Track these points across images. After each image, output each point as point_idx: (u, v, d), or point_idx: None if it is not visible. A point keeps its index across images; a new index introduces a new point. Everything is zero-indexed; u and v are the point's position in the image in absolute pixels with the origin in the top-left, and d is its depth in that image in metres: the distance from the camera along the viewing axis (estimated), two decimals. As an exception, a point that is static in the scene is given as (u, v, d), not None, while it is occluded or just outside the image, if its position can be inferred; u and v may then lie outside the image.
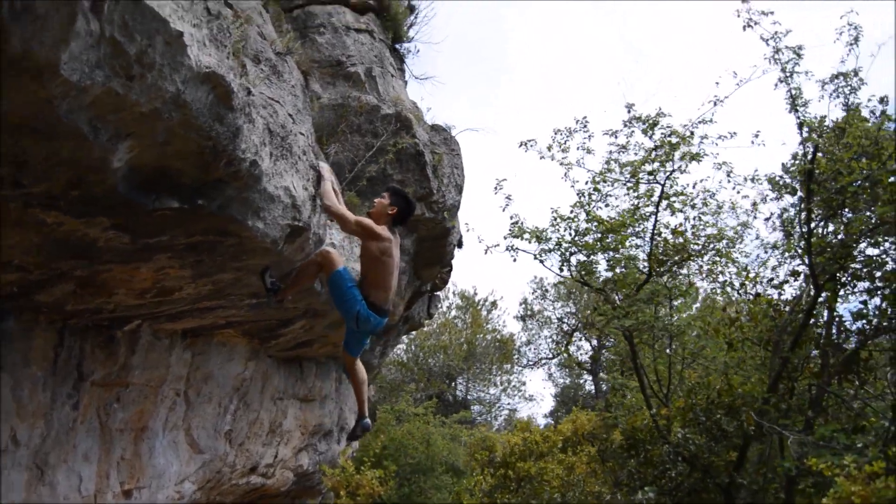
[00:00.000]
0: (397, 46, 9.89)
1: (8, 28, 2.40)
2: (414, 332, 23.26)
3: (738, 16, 8.75)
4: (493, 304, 29.38)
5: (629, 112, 9.85)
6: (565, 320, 30.19)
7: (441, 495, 15.47)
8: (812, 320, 8.72)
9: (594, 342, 29.36)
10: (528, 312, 30.66)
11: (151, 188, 3.83)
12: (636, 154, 9.96)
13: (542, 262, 10.49)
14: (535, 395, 36.18)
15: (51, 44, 2.57)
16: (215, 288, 5.65)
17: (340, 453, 11.74)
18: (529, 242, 10.32)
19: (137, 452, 6.72)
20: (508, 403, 30.31)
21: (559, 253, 10.31)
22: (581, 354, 29.97)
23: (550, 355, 30.88)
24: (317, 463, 10.97)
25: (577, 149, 10.37)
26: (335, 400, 11.24)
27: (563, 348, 29.65)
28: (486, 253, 10.49)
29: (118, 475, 6.43)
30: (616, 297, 10.16)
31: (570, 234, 10.25)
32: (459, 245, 10.75)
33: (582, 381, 32.02)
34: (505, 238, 10.57)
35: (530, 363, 30.71)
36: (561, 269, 10.63)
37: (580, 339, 30.03)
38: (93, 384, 5.98)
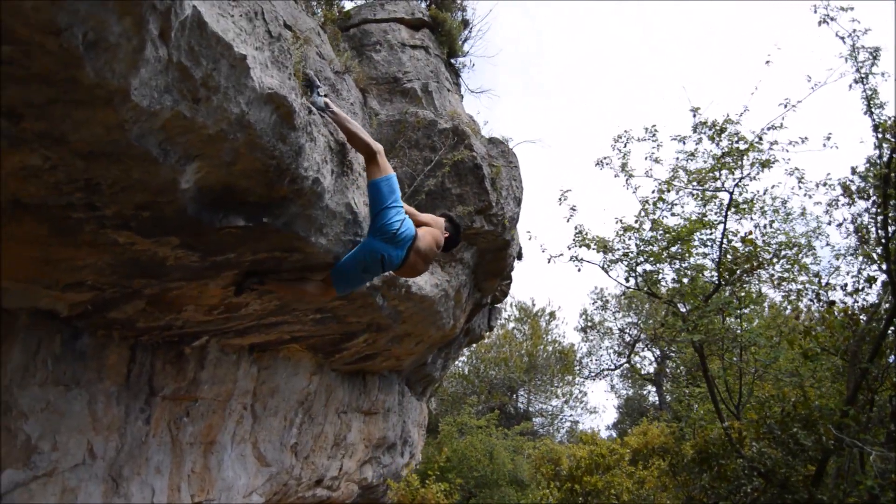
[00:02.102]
0: (452, 61, 9.96)
1: (83, 57, 2.50)
2: (474, 345, 23.26)
3: (815, 11, 8.53)
4: (552, 315, 29.16)
5: (694, 116, 9.68)
6: (627, 331, 29.80)
7: (506, 508, 15.35)
8: (892, 328, 8.38)
9: (657, 353, 28.89)
10: (589, 323, 30.35)
11: (218, 207, 3.92)
12: (704, 162, 9.79)
13: (607, 272, 10.39)
14: (597, 406, 35.69)
15: (122, 71, 2.67)
16: (281, 303, 5.76)
17: (405, 466, 11.78)
18: (597, 252, 10.24)
19: (207, 465, 6.86)
20: (570, 415, 30.02)
21: (625, 263, 10.18)
22: (645, 365, 29.54)
23: (612, 366, 30.52)
24: (381, 476, 11.04)
25: (646, 159, 10.28)
26: (398, 413, 11.30)
27: (626, 360, 29.29)
28: (549, 262, 10.44)
29: (189, 488, 6.58)
30: (683, 308, 9.94)
31: (636, 244, 10.12)
32: (519, 257, 10.72)
33: (645, 393, 31.52)
34: (569, 248, 10.51)
35: (592, 374, 30.37)
36: (627, 280, 10.49)
37: (643, 350, 29.61)
38: (163, 399, 6.14)
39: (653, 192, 10.38)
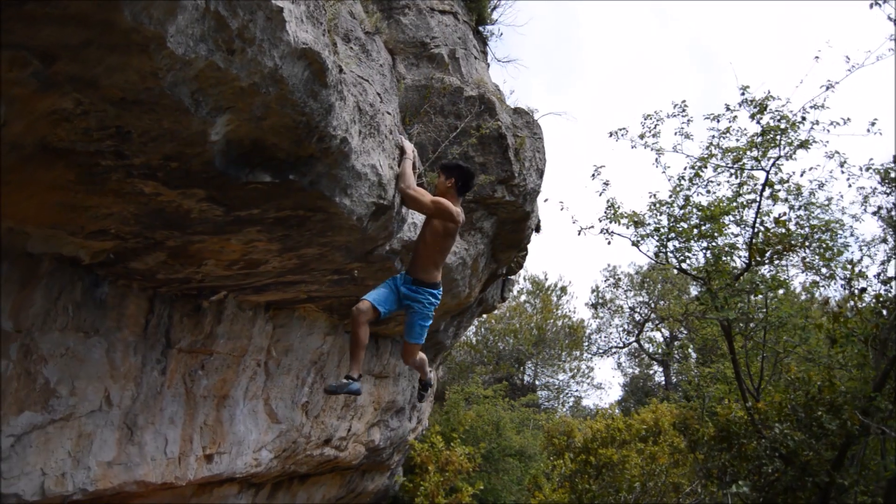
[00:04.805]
0: (480, 29, 9.83)
1: (120, 1, 2.47)
2: (485, 315, 23.27)
3: None
4: (563, 290, 29.12)
5: (742, 95, 9.54)
6: (637, 310, 29.76)
7: (509, 478, 15.48)
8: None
9: (666, 333, 28.87)
10: (600, 300, 30.30)
11: (246, 162, 3.91)
12: (738, 140, 9.68)
13: (638, 246, 10.37)
14: (602, 383, 35.76)
15: (159, 17, 2.64)
16: (300, 262, 5.75)
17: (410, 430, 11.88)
18: (627, 227, 10.21)
19: (219, 419, 6.93)
20: (576, 390, 30.11)
21: (657, 238, 10.13)
22: (653, 346, 29.54)
23: (621, 344, 30.54)
24: (388, 439, 11.12)
25: (675, 134, 10.24)
26: (408, 378, 11.35)
27: (634, 339, 29.29)
28: (579, 234, 10.44)
29: (201, 439, 6.65)
30: (713, 287, 9.88)
31: (668, 220, 10.08)
32: (537, 229, 10.68)
33: (651, 372, 31.58)
34: (600, 220, 10.50)
35: (600, 351, 30.40)
36: (657, 256, 10.46)
37: (651, 330, 29.60)
38: (179, 351, 6.19)
39: (685, 168, 10.30)
